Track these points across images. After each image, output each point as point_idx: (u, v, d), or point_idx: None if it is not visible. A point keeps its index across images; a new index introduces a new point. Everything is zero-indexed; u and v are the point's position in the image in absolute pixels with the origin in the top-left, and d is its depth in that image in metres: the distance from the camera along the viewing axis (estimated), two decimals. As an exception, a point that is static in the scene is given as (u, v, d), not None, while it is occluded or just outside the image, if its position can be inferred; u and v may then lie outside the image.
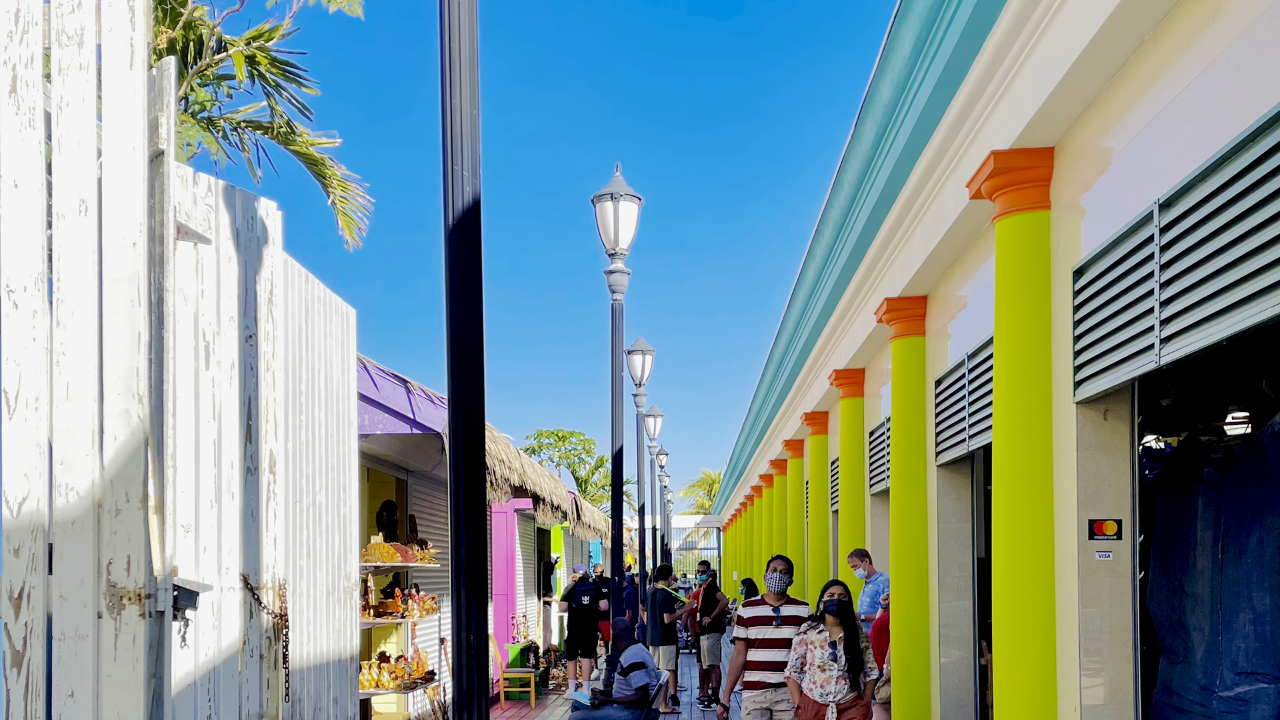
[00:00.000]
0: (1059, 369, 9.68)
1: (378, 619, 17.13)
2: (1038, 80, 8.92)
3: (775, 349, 27.70)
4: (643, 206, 18.33)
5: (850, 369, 20.22)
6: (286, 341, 8.22)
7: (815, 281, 19.68)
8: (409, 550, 17.65)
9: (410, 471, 20.97)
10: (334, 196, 14.55)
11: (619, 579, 22.10)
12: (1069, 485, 9.45)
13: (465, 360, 6.74)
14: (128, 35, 5.48)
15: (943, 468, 14.37)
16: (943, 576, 14.48)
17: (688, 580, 59.01)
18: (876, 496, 19.97)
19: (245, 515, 7.14)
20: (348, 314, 10.30)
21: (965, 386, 12.81)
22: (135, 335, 5.35)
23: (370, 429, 15.68)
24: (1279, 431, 9.32)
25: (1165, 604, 10.47)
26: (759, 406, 36.67)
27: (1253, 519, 9.41)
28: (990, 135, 10.11)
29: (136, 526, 5.35)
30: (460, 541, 6.68)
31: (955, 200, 11.44)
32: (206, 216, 6.86)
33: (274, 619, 7.41)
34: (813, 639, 12.72)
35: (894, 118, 11.71)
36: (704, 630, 27.83)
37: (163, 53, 11.34)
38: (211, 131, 13.19)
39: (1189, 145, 7.30)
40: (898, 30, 10.38)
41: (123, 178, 5.42)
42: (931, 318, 14.74)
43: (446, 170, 6.70)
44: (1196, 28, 7.18)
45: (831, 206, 15.68)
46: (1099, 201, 8.88)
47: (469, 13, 6.74)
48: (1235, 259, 6.77)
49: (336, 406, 9.88)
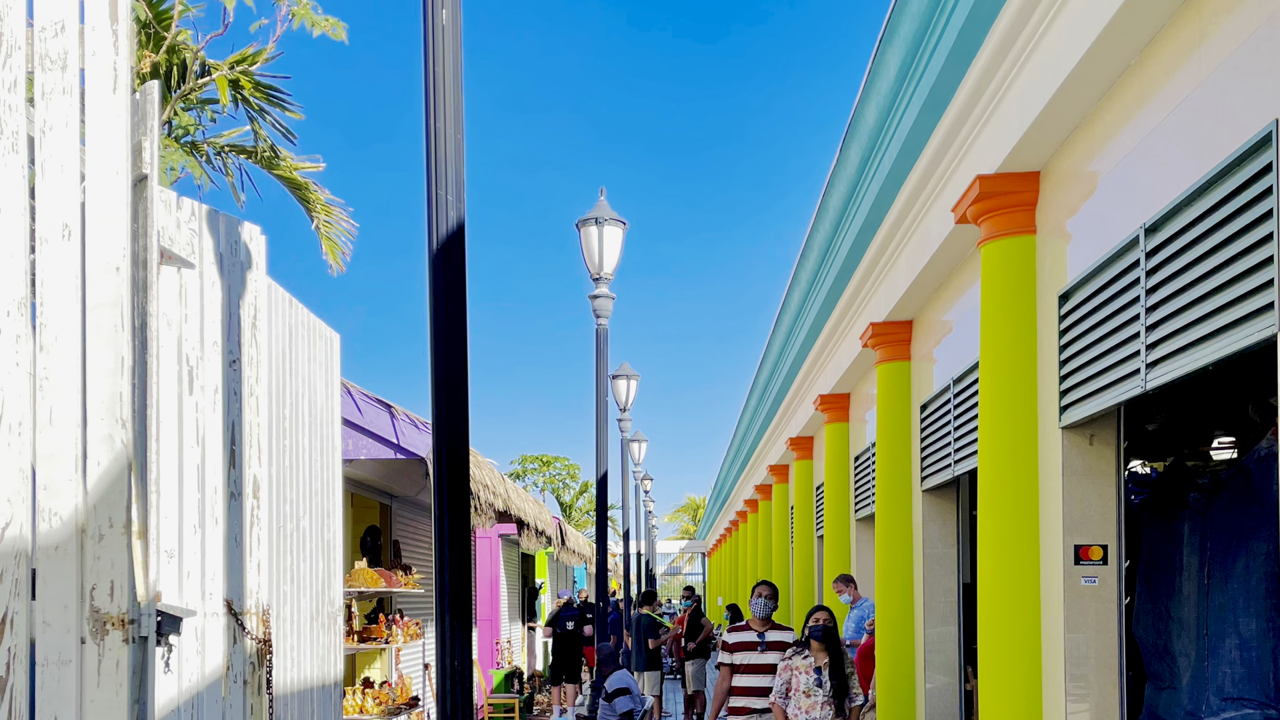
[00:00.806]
0: (1044, 394, 9.68)
1: (362, 644, 17.06)
2: (1023, 104, 8.92)
3: (760, 374, 27.74)
4: (627, 231, 18.32)
5: (835, 394, 20.23)
6: (270, 366, 8.19)
7: (800, 306, 19.70)
8: (393, 576, 17.60)
9: (394, 497, 20.91)
10: (318, 221, 14.50)
11: (604, 604, 22.06)
12: (1054, 510, 9.44)
13: (449, 385, 6.72)
14: (111, 59, 5.46)
15: (928, 493, 14.37)
16: (928, 602, 14.47)
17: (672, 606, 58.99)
18: (862, 521, 19.96)
19: (229, 540, 7.10)
20: (332, 338, 10.26)
21: (951, 411, 12.81)
22: (118, 360, 5.32)
23: (354, 454, 15.63)
24: (1265, 457, 9.31)
25: (1151, 629, 10.45)
26: (744, 432, 36.70)
27: (1239, 544, 9.40)
28: (975, 160, 10.12)
29: (120, 552, 5.31)
30: (444, 567, 6.66)
31: (940, 225, 11.44)
32: (190, 241, 6.84)
33: (258, 644, 7.37)
34: (798, 665, 12.68)
35: (879, 142, 11.72)
36: (689, 656, 27.80)
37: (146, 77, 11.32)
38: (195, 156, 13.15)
39: (1175, 170, 7.31)
40: (883, 55, 10.39)
41: (106, 202, 5.40)
42: (917, 342, 14.75)
43: (431, 194, 6.68)
44: (1182, 52, 7.19)
45: (816, 231, 15.70)
46: (1084, 226, 8.88)
47: (453, 37, 6.73)
48: (1221, 283, 6.78)
49: (320, 431, 9.84)
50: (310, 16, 11.64)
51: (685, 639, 28.45)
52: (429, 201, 6.69)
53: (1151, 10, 7.23)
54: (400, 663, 19.86)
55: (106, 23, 5.45)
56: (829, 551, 20.99)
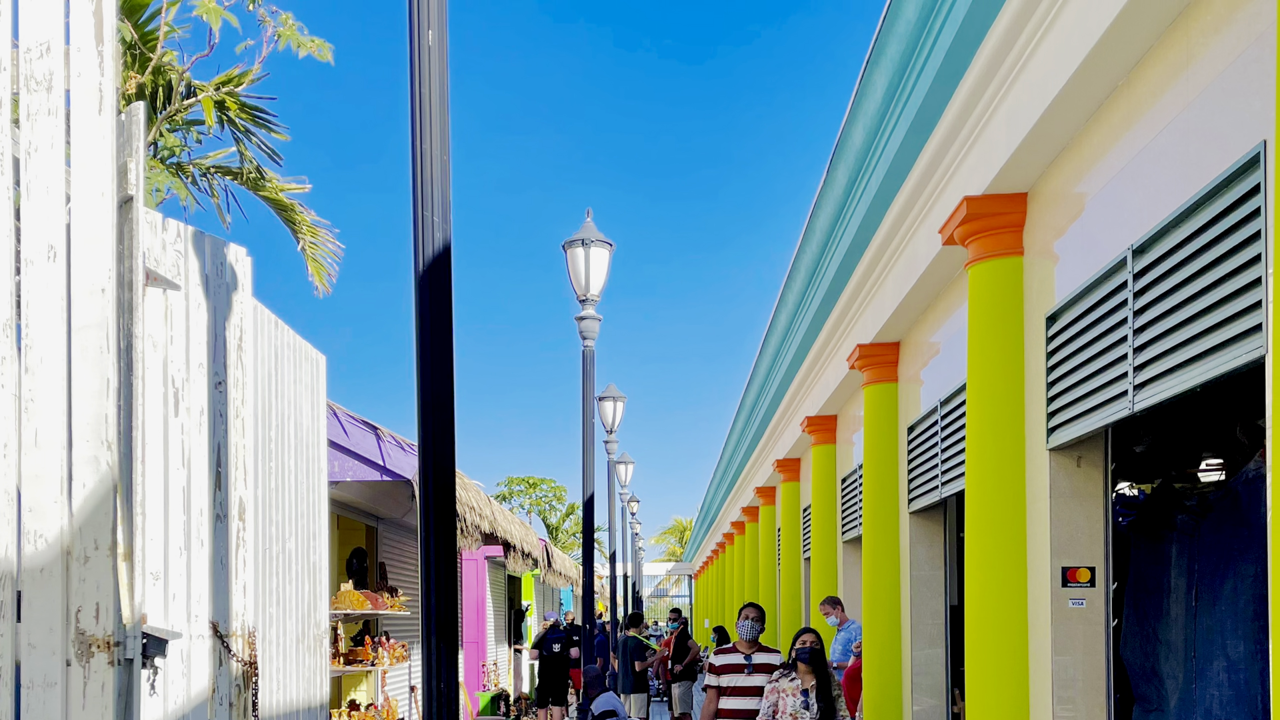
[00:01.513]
0: (1032, 415, 9.67)
1: (348, 667, 17.02)
2: (1011, 126, 8.92)
3: (747, 396, 27.73)
4: (614, 252, 18.30)
5: (822, 416, 20.22)
6: (256, 388, 8.17)
7: (787, 328, 19.70)
8: (379, 598, 17.56)
9: (380, 519, 20.88)
10: (304, 242, 14.47)
11: (590, 626, 22.01)
12: (1042, 532, 9.43)
13: (435, 407, 6.70)
14: (96, 80, 5.44)
15: (915, 515, 14.36)
16: (915, 624, 14.45)
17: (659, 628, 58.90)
18: (849, 544, 19.93)
19: (214, 562, 7.08)
20: (317, 360, 10.25)
21: (938, 433, 12.80)
22: (104, 382, 5.30)
23: (340, 476, 15.60)
24: (1253, 479, 9.30)
25: (1139, 652, 10.44)
26: (731, 454, 36.68)
27: (1227, 566, 9.39)
28: (963, 181, 10.12)
29: (105, 574, 5.29)
30: (430, 589, 6.63)
31: (928, 246, 11.44)
32: (176, 262, 6.82)
33: (243, 667, 7.35)
34: (785, 687, 12.65)
35: (866, 163, 11.72)
36: (675, 678, 27.78)
37: (131, 98, 11.29)
38: (180, 177, 13.12)
39: (1163, 191, 7.31)
40: (870, 76, 10.39)
41: (91, 223, 5.38)
42: (904, 364, 14.74)
43: (417, 216, 6.66)
44: (1170, 73, 7.20)
45: (804, 252, 15.70)
46: (1072, 247, 8.88)
47: (439, 58, 6.72)
48: (1209, 305, 6.78)
49: (306, 453, 9.82)
50: (296, 38, 11.62)
51: (672, 661, 28.43)
52: (415, 223, 6.66)
53: (1139, 31, 7.24)
54: (386, 685, 19.79)
55: (92, 44, 5.44)
56: (816, 573, 20.97)
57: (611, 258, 18.32)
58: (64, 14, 5.50)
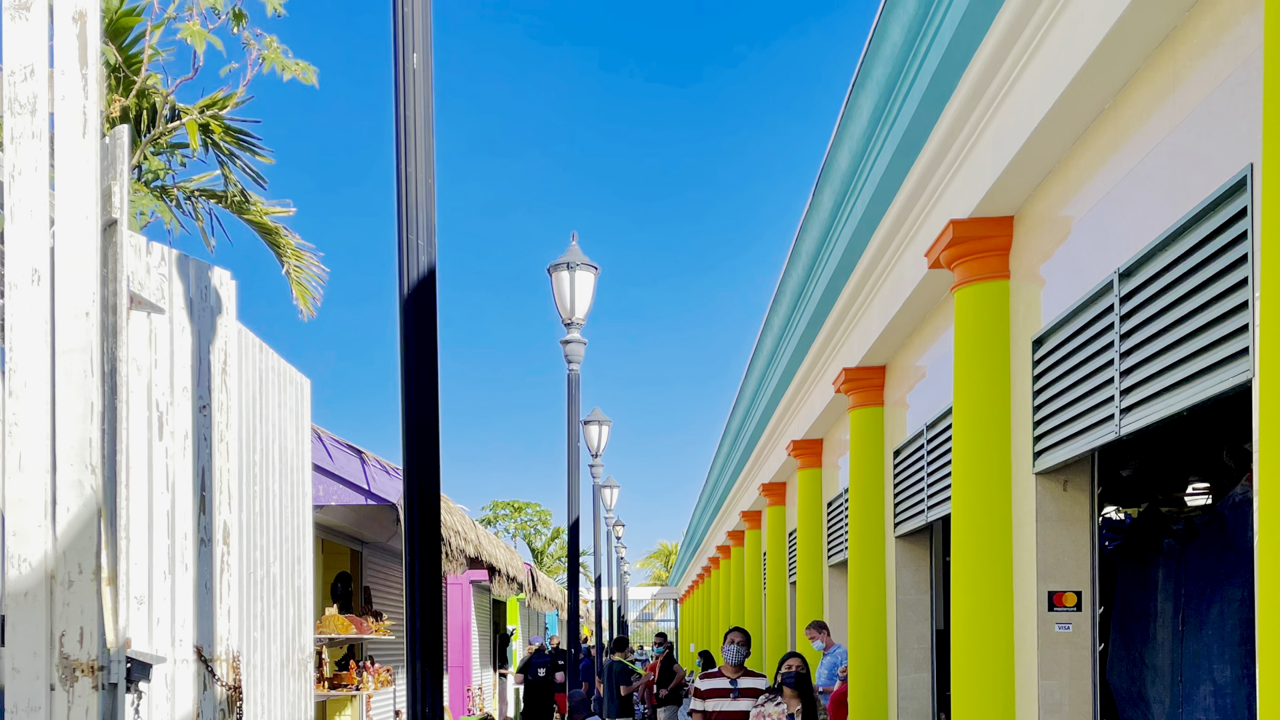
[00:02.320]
0: (1018, 439, 9.66)
1: (332, 691, 16.97)
2: (997, 149, 8.92)
3: (733, 419, 27.69)
4: (599, 276, 18.30)
5: (808, 439, 20.21)
6: (240, 412, 8.15)
7: (773, 351, 19.69)
8: (364, 622, 17.52)
9: (365, 543, 20.83)
10: (288, 266, 14.47)
11: (575, 651, 21.98)
12: (1028, 556, 9.42)
13: (420, 431, 6.69)
14: (81, 104, 5.43)
15: (901, 539, 14.35)
16: (901, 648, 14.43)
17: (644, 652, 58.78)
18: (835, 568, 19.90)
19: (199, 587, 7.05)
20: (302, 384, 10.23)
21: (924, 457, 12.79)
22: (88, 406, 5.28)
23: (325, 500, 15.57)
24: (1240, 503, 9.30)
25: (1125, 676, 10.43)
26: (716, 477, 36.64)
27: (1213, 590, 9.39)
28: (949, 204, 10.11)
29: (89, 598, 5.27)
30: (415, 613, 6.62)
31: (914, 269, 11.43)
32: (160, 286, 6.80)
33: (228, 691, 7.32)
34: (771, 711, 12.62)
35: (852, 186, 11.71)
36: (661, 702, 27.66)
37: (116, 121, 11.28)
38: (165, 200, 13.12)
39: (1149, 214, 7.31)
40: (856, 99, 10.39)
41: (76, 247, 5.36)
42: (890, 388, 14.74)
43: (401, 239, 6.66)
44: (1157, 96, 7.20)
45: (789, 276, 15.69)
46: (1059, 271, 8.88)
47: (424, 81, 6.71)
48: (1196, 329, 6.78)
49: (291, 477, 9.80)
50: (280, 61, 11.64)
51: (657, 686, 28.31)
52: (400, 246, 6.66)
53: (1126, 55, 7.24)
54: (371, 710, 19.73)
55: (76, 67, 5.42)
56: (802, 598, 20.95)
57: (597, 281, 18.32)
58: (48, 37, 5.49)
